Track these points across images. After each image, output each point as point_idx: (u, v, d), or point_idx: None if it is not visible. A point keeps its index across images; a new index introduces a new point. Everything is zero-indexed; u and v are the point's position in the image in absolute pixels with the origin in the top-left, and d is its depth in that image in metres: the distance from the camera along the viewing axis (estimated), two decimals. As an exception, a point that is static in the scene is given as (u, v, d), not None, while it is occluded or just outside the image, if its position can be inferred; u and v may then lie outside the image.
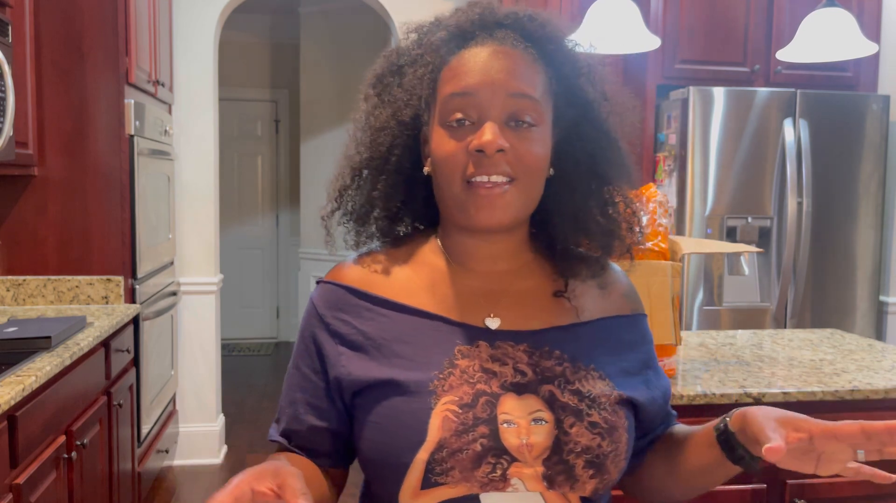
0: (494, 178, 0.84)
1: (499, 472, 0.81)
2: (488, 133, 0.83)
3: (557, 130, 0.90)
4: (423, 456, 0.80)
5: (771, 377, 1.82)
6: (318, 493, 0.90)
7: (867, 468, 0.76)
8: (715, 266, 3.22)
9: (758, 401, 1.69)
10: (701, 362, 1.96)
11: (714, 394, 1.68)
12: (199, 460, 3.75)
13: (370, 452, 0.85)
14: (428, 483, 0.81)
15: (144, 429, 2.96)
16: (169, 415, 3.48)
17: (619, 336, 0.94)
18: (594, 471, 0.83)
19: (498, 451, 0.81)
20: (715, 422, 0.90)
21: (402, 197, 0.93)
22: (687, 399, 1.67)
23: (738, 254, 3.22)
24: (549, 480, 0.82)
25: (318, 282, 0.96)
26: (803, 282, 3.25)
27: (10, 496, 1.72)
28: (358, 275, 0.93)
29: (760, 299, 3.27)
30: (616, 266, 1.00)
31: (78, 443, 2.15)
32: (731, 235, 3.22)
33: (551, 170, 0.91)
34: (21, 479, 1.77)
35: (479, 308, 0.90)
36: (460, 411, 0.82)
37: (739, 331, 2.43)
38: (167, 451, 3.42)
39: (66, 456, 2.06)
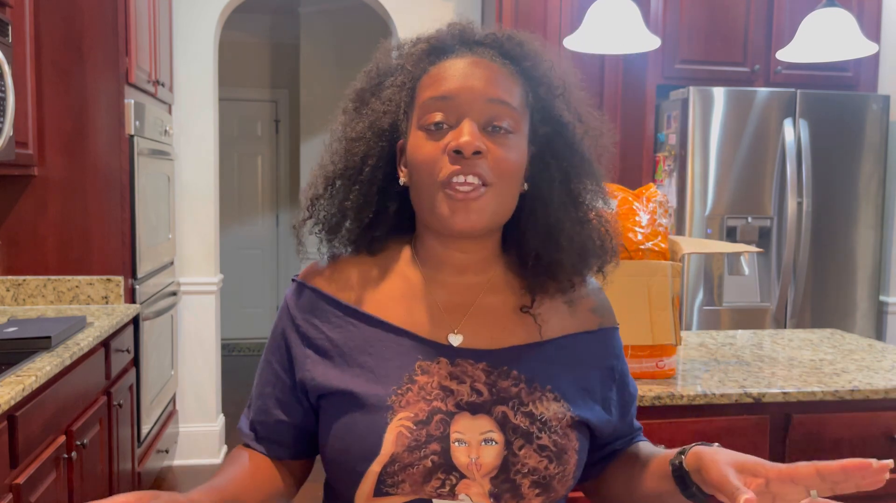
0: (471, 180, 0.84)
1: (447, 488, 0.84)
2: (466, 133, 0.84)
3: (532, 146, 0.92)
4: (375, 468, 0.84)
5: (771, 377, 1.82)
6: (264, 494, 0.94)
7: (819, 501, 0.76)
8: (715, 266, 3.22)
9: (758, 401, 1.69)
10: (701, 362, 1.96)
11: (714, 394, 1.68)
12: (199, 460, 3.75)
13: (329, 456, 0.89)
14: (380, 492, 0.85)
15: (144, 429, 2.96)
16: (169, 415, 3.48)
17: (581, 353, 0.95)
18: (540, 491, 0.86)
19: (447, 468, 0.84)
20: (671, 454, 0.90)
21: (375, 208, 0.94)
22: (687, 399, 1.67)
23: (738, 254, 3.22)
24: (496, 497, 0.85)
25: (293, 280, 0.97)
26: (803, 282, 3.25)
27: (10, 496, 1.72)
28: (330, 280, 0.95)
29: (760, 299, 3.27)
30: (591, 279, 1.00)
31: (78, 443, 2.15)
32: (731, 235, 3.22)
33: (526, 185, 0.92)
34: (21, 479, 1.77)
35: (444, 323, 0.92)
36: (414, 428, 0.84)
37: (739, 331, 2.43)
38: (167, 451, 3.42)
39: (66, 456, 2.06)
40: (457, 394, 0.87)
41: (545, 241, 0.92)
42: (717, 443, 0.87)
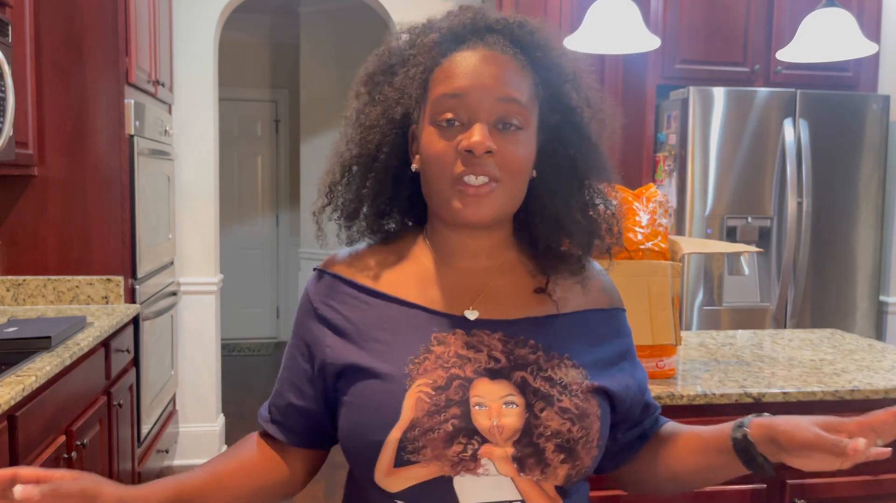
0: (481, 179, 0.87)
1: (469, 452, 0.83)
2: (477, 134, 0.86)
3: (541, 134, 0.93)
4: (395, 434, 0.84)
5: (771, 377, 1.82)
6: (252, 486, 0.97)
7: (873, 450, 0.80)
8: (715, 266, 3.22)
9: (758, 401, 1.69)
10: (701, 362, 1.96)
11: (714, 394, 1.68)
12: (199, 460, 3.75)
13: (347, 432, 0.89)
14: (400, 461, 0.84)
15: (144, 429, 2.96)
16: (169, 415, 3.48)
17: (596, 328, 0.97)
18: (565, 456, 0.86)
19: (469, 432, 0.84)
20: (724, 429, 0.92)
21: (390, 194, 0.97)
22: (687, 399, 1.67)
23: (738, 254, 3.22)
24: (520, 462, 0.84)
25: (314, 270, 1.01)
26: (803, 282, 3.25)
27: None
28: (348, 266, 0.98)
29: (760, 299, 3.27)
30: (595, 263, 1.03)
31: (78, 443, 2.15)
32: (731, 235, 3.22)
33: (534, 172, 0.93)
34: (21, 479, 1.77)
35: (460, 301, 0.93)
36: (433, 393, 0.85)
37: (739, 331, 2.43)
38: (167, 451, 3.42)
39: (66, 456, 2.06)
40: (474, 362, 0.88)
41: (553, 226, 0.95)
42: (766, 413, 0.89)
